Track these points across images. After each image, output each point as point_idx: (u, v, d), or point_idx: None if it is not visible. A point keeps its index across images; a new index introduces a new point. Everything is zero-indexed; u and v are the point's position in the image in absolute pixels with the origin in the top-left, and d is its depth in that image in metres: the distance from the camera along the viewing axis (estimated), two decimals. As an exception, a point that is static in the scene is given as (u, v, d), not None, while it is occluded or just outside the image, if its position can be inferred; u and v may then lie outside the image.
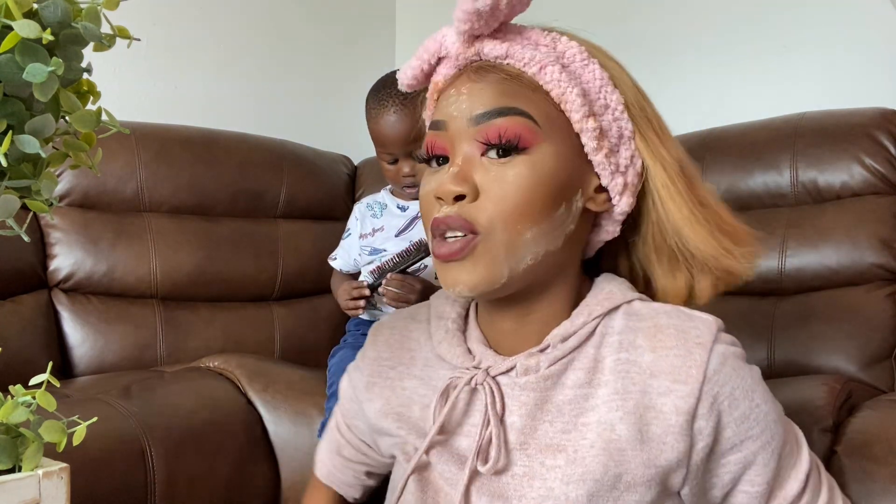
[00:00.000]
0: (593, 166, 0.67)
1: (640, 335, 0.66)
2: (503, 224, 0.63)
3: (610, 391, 0.65)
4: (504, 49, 0.65)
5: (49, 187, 0.47)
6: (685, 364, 0.63)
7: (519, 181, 0.63)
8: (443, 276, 0.66)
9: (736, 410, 0.64)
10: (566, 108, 0.65)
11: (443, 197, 0.64)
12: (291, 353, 1.74)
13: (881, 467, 0.87)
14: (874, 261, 1.41)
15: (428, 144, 0.68)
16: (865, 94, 1.62)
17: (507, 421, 0.67)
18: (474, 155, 0.65)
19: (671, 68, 1.93)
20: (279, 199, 1.84)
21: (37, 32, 0.40)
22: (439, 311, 0.76)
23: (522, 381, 0.67)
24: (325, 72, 2.25)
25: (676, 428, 0.62)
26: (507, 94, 0.64)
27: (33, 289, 1.52)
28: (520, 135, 0.63)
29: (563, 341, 0.67)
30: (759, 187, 1.57)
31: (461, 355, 0.71)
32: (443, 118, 0.67)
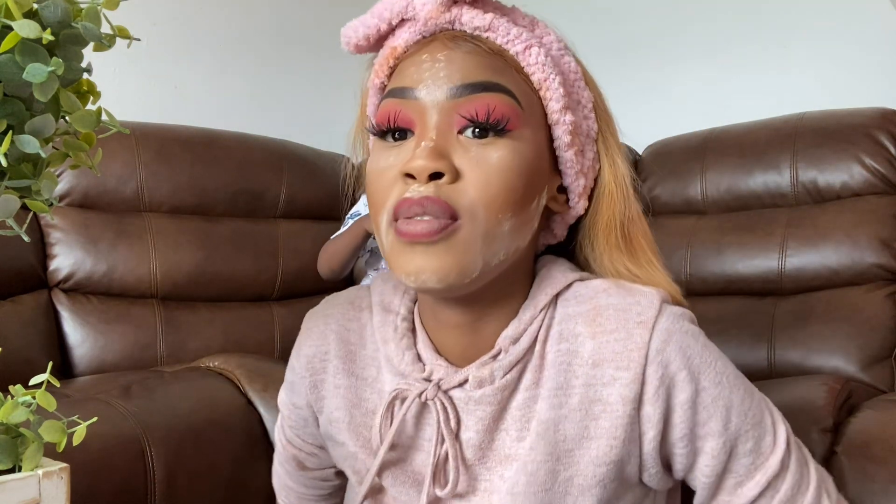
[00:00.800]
0: (558, 164, 0.61)
1: (580, 321, 0.60)
2: (485, 211, 0.55)
3: (550, 387, 0.59)
4: (487, 21, 0.57)
5: (49, 187, 0.47)
6: (626, 348, 0.57)
7: (502, 165, 0.55)
8: (403, 263, 0.55)
9: (682, 393, 0.58)
10: (545, 95, 0.59)
11: (416, 174, 0.54)
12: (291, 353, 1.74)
13: (881, 467, 0.87)
14: (874, 261, 1.41)
15: (389, 114, 0.57)
16: (865, 94, 1.62)
17: (462, 437, 0.60)
18: (450, 131, 0.56)
19: (671, 68, 1.93)
20: (279, 199, 1.84)
21: (37, 32, 0.40)
22: (385, 302, 0.66)
23: (478, 394, 0.59)
24: (325, 72, 2.25)
25: (625, 419, 0.57)
26: (493, 69, 0.57)
27: (33, 289, 1.52)
28: (507, 115, 0.56)
29: (514, 343, 0.60)
30: (759, 187, 1.57)
31: (410, 363, 0.62)
32: (411, 85, 0.57)
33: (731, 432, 0.59)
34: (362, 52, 0.63)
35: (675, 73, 1.92)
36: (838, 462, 0.91)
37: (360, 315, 0.67)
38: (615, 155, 0.64)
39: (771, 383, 1.16)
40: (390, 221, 0.56)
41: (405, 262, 0.55)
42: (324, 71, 2.26)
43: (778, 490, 0.60)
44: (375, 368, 0.65)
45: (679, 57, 1.92)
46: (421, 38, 0.59)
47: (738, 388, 0.60)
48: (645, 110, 1.81)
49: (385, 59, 0.61)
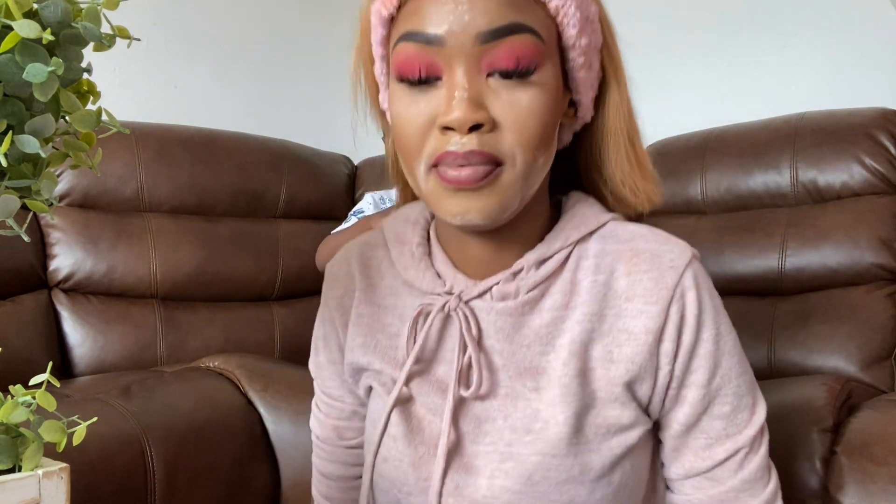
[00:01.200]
0: (568, 80, 0.63)
1: (616, 259, 0.64)
2: (523, 153, 0.58)
3: (585, 311, 0.63)
4: None
5: (49, 187, 0.47)
6: (657, 286, 0.62)
7: (533, 106, 0.57)
8: (447, 205, 0.59)
9: (686, 337, 0.63)
10: (562, 21, 0.59)
11: (456, 127, 0.56)
12: (291, 353, 1.74)
13: (881, 467, 0.87)
14: (874, 261, 1.41)
15: (412, 62, 0.58)
16: (865, 94, 1.62)
17: (485, 344, 0.64)
18: (479, 75, 0.57)
19: (671, 68, 1.93)
20: (279, 199, 1.84)
21: (37, 32, 0.40)
22: (399, 235, 0.71)
23: (500, 306, 0.64)
24: (325, 72, 2.25)
25: (644, 348, 0.62)
26: (514, 6, 0.56)
27: (33, 289, 1.52)
28: (534, 58, 0.57)
29: (538, 265, 0.64)
30: (759, 187, 1.57)
31: (430, 280, 0.66)
32: (436, 31, 0.56)
33: (711, 388, 0.64)
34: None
35: (675, 73, 1.92)
36: (838, 462, 0.91)
37: (376, 252, 0.72)
38: (618, 63, 0.66)
39: (771, 383, 1.16)
40: (429, 168, 0.59)
41: (450, 205, 0.59)
42: (324, 71, 2.26)
43: (743, 467, 0.64)
44: (394, 296, 0.69)
45: (679, 57, 1.92)
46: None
47: (731, 355, 0.65)
48: (645, 110, 1.80)
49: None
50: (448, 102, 0.57)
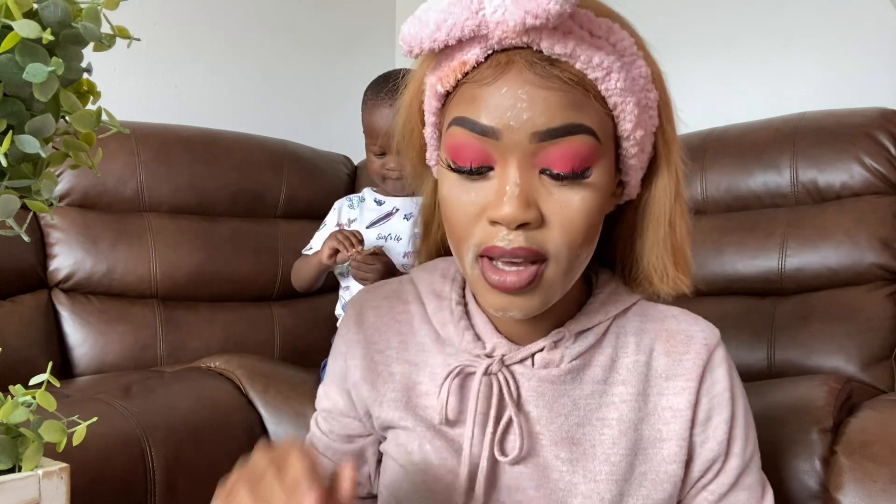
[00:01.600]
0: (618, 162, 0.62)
1: (655, 340, 0.67)
2: (568, 251, 0.58)
3: (631, 391, 0.65)
4: (570, 48, 0.55)
5: (49, 187, 0.47)
6: (694, 365, 0.65)
7: (584, 207, 0.57)
8: (490, 299, 0.60)
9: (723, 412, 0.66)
10: (620, 116, 0.59)
11: (506, 224, 0.56)
12: (291, 353, 1.74)
13: (881, 467, 0.87)
14: (874, 261, 1.41)
15: (465, 151, 0.57)
16: (865, 94, 1.62)
17: (524, 410, 0.65)
18: (532, 172, 0.57)
19: (671, 68, 1.92)
20: (279, 199, 1.84)
21: (37, 32, 0.40)
22: (437, 290, 0.70)
23: (542, 373, 0.65)
24: (325, 72, 2.25)
25: (688, 423, 0.65)
26: (572, 106, 0.56)
27: (33, 289, 1.52)
28: (589, 160, 0.57)
29: (578, 336, 0.65)
30: (759, 187, 1.57)
31: (470, 341, 0.66)
32: (493, 125, 0.56)
33: (745, 459, 0.67)
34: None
35: (675, 72, 1.92)
36: (838, 462, 0.91)
37: (407, 307, 0.71)
38: (672, 146, 0.65)
39: (771, 383, 1.16)
40: (476, 258, 0.59)
41: (492, 300, 0.60)
42: (324, 71, 2.26)
43: None
44: (424, 353, 0.69)
45: (679, 57, 1.92)
46: (491, 53, 0.57)
47: (752, 429, 0.69)
48: (645, 110, 1.80)
49: (452, 71, 0.58)
50: (499, 197, 0.56)
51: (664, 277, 0.67)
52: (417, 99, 0.65)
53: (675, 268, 0.66)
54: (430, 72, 0.61)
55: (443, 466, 0.66)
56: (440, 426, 0.66)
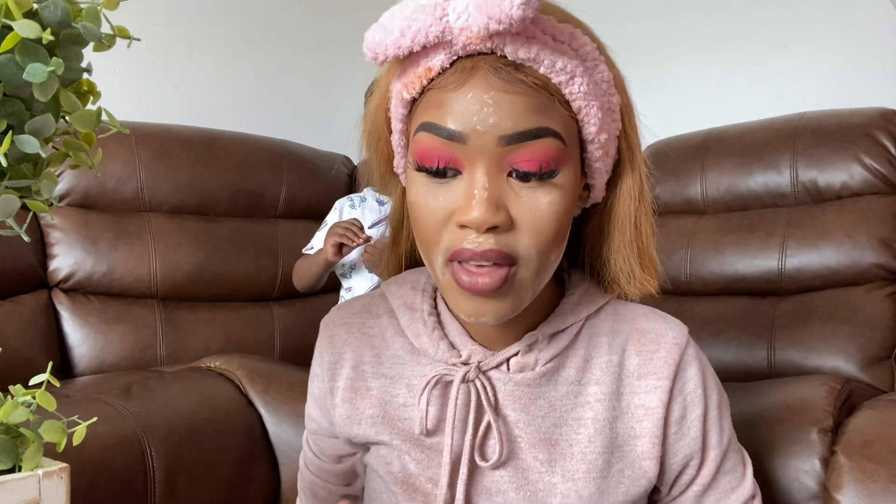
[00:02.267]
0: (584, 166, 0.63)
1: (627, 340, 0.68)
2: (538, 254, 0.58)
3: (605, 391, 0.66)
4: (533, 52, 0.55)
5: (49, 187, 0.47)
6: (665, 363, 0.66)
7: (553, 209, 0.58)
8: (462, 305, 0.59)
9: (697, 409, 0.67)
10: (584, 120, 0.59)
11: (475, 227, 0.56)
12: (291, 353, 1.74)
13: (881, 467, 0.87)
14: (874, 261, 1.41)
15: (431, 153, 0.57)
16: (865, 94, 1.62)
17: (502, 414, 0.66)
18: (499, 175, 0.57)
19: (671, 68, 1.93)
20: (279, 199, 1.84)
21: (37, 32, 0.40)
22: (407, 302, 0.70)
23: (517, 377, 0.65)
24: (325, 72, 2.25)
25: (661, 421, 0.66)
26: (538, 110, 0.56)
27: (33, 289, 1.52)
28: (556, 161, 0.57)
29: (551, 338, 0.66)
30: (759, 187, 1.57)
31: (445, 350, 0.66)
32: (460, 129, 0.56)
33: (723, 447, 0.69)
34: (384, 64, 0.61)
35: (675, 72, 1.92)
36: (838, 462, 0.91)
37: (379, 321, 0.71)
38: (635, 149, 0.66)
39: (771, 383, 1.16)
40: (446, 262, 0.59)
41: (464, 305, 0.59)
42: (324, 71, 2.26)
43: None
44: (400, 366, 0.69)
45: (679, 57, 1.92)
46: (456, 59, 0.57)
47: (727, 416, 0.70)
48: (645, 110, 1.80)
49: (418, 78, 0.58)
50: (467, 200, 0.56)
51: (631, 279, 0.67)
52: (383, 107, 0.65)
53: (641, 269, 0.67)
54: (396, 79, 0.62)
55: (422, 475, 0.66)
56: (419, 436, 0.66)
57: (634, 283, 0.67)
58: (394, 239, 0.75)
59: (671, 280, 1.63)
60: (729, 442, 0.70)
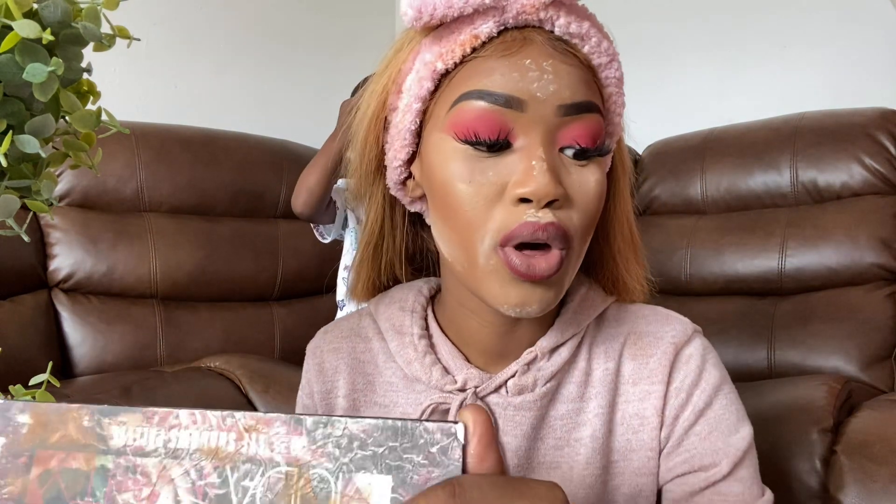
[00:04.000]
0: None
1: (623, 344, 0.63)
2: (583, 236, 0.55)
3: (602, 403, 0.61)
4: (585, 28, 0.53)
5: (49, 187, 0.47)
6: (660, 365, 0.61)
7: (598, 190, 0.54)
8: (507, 293, 0.54)
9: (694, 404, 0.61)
10: (610, 108, 0.57)
11: (536, 199, 0.51)
12: (291, 353, 1.74)
13: (881, 467, 0.87)
14: (874, 261, 1.41)
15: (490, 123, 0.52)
16: (865, 94, 1.62)
17: (502, 442, 0.60)
18: (553, 148, 0.53)
19: (671, 68, 1.93)
20: (279, 199, 1.84)
21: (37, 32, 0.39)
22: (396, 326, 0.64)
23: (517, 400, 0.60)
24: (325, 72, 2.25)
25: (656, 431, 0.60)
26: (588, 85, 0.54)
27: (33, 289, 1.52)
28: (605, 139, 0.54)
29: (551, 353, 0.61)
30: (759, 187, 1.57)
31: (440, 377, 0.61)
32: (517, 95, 0.52)
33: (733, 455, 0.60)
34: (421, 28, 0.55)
35: (675, 73, 1.92)
36: (838, 462, 0.91)
37: (369, 345, 0.66)
38: (623, 152, 0.64)
39: (771, 383, 1.16)
40: (495, 246, 0.53)
41: (511, 295, 0.53)
42: (324, 71, 2.26)
43: None
44: (394, 393, 0.64)
45: (679, 57, 1.92)
46: (503, 30, 0.53)
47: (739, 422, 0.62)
48: (645, 110, 1.81)
49: (460, 46, 0.53)
50: (527, 172, 0.51)
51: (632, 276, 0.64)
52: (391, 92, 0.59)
53: (638, 266, 0.64)
54: (426, 49, 0.56)
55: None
56: None
57: (635, 282, 0.64)
58: (373, 252, 0.67)
59: (671, 280, 1.63)
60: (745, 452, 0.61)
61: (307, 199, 1.46)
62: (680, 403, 0.60)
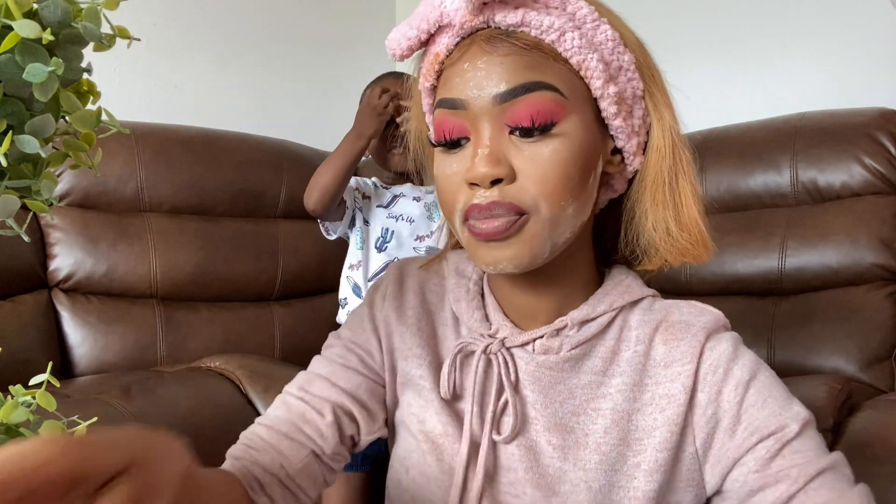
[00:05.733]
0: (608, 129, 0.65)
1: (654, 330, 0.67)
2: (547, 203, 0.60)
3: (627, 381, 0.65)
4: (519, 17, 0.60)
5: (49, 187, 0.47)
6: (691, 347, 0.65)
7: (556, 158, 0.60)
8: (481, 255, 0.62)
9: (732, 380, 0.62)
10: (586, 74, 0.61)
11: (478, 181, 0.60)
12: (291, 353, 1.74)
13: (882, 467, 0.87)
14: (874, 261, 1.41)
15: (443, 126, 0.63)
16: (865, 94, 1.62)
17: (521, 392, 0.66)
18: (501, 133, 0.61)
19: (671, 68, 1.92)
20: (279, 199, 1.84)
21: (37, 32, 0.39)
22: (460, 269, 0.74)
23: (540, 358, 0.66)
24: (325, 72, 2.26)
25: (684, 407, 0.64)
26: (530, 67, 0.60)
27: (33, 289, 1.52)
28: (551, 113, 0.60)
29: (581, 325, 0.67)
30: (759, 187, 1.57)
31: (479, 321, 0.69)
32: (460, 97, 0.61)
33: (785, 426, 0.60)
34: (407, 58, 0.66)
35: (675, 73, 1.92)
36: (838, 462, 0.91)
37: (442, 282, 0.75)
38: (662, 108, 0.67)
39: (771, 383, 1.16)
40: (463, 222, 0.63)
41: (483, 255, 0.62)
42: (323, 71, 2.26)
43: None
44: (444, 328, 0.72)
45: (679, 57, 1.92)
46: (460, 40, 0.62)
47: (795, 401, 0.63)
48: (645, 110, 1.81)
49: (430, 65, 0.64)
50: (472, 160, 0.61)
51: (667, 239, 0.65)
52: (420, 110, 0.71)
53: (679, 229, 0.65)
54: (418, 77, 0.67)
55: (447, 439, 0.68)
56: (447, 400, 0.68)
57: (674, 244, 0.65)
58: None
59: (671, 280, 1.63)
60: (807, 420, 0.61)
61: (320, 197, 1.47)
62: (719, 379, 0.63)
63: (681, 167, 0.67)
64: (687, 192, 0.67)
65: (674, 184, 0.66)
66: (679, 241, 0.66)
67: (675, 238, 0.66)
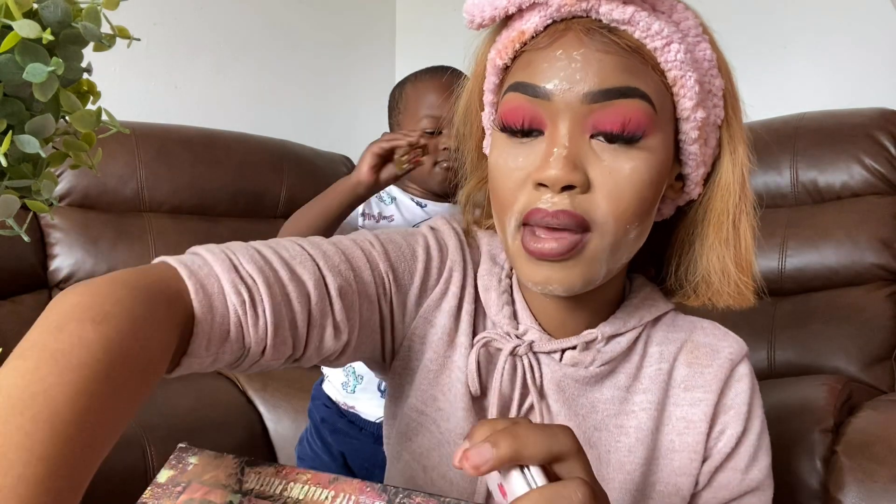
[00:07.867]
0: (679, 154, 0.60)
1: (679, 350, 0.65)
2: (615, 223, 0.55)
3: (651, 400, 0.63)
4: (628, 13, 0.54)
5: (49, 187, 0.47)
6: (715, 377, 0.64)
7: (636, 177, 0.54)
8: (529, 272, 0.56)
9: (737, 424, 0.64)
10: (679, 92, 0.57)
11: (549, 184, 0.54)
12: (291, 353, 1.74)
13: (881, 467, 0.87)
14: (874, 261, 1.41)
15: (518, 113, 0.56)
16: (865, 94, 1.62)
17: (546, 401, 0.63)
18: (581, 136, 0.55)
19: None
20: (279, 199, 1.84)
21: (37, 32, 0.39)
22: (493, 253, 0.67)
23: (570, 370, 0.62)
24: (325, 72, 2.25)
25: (703, 436, 0.63)
26: (628, 70, 0.54)
27: (33, 289, 1.52)
28: (643, 125, 0.54)
29: (610, 339, 0.63)
30: (759, 187, 1.57)
31: (508, 318, 0.63)
32: (545, 85, 0.55)
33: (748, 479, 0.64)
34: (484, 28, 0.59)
35: (675, 73, 1.92)
36: (838, 462, 0.91)
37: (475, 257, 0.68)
38: (737, 142, 0.63)
39: (771, 383, 1.16)
40: (518, 226, 0.57)
41: (531, 272, 0.56)
42: (324, 71, 2.26)
43: None
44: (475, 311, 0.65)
45: (679, 57, 1.92)
46: (551, 23, 0.56)
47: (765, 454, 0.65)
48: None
49: (511, 42, 0.57)
50: (545, 159, 0.54)
51: (725, 280, 0.62)
52: (479, 84, 0.64)
53: (737, 269, 0.63)
54: (491, 48, 0.60)
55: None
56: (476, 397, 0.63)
57: (729, 284, 0.63)
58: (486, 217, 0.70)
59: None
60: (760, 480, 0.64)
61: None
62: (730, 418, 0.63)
63: (744, 207, 0.62)
64: (748, 234, 0.63)
65: (737, 222, 0.62)
66: (734, 282, 0.62)
67: (730, 278, 0.62)
